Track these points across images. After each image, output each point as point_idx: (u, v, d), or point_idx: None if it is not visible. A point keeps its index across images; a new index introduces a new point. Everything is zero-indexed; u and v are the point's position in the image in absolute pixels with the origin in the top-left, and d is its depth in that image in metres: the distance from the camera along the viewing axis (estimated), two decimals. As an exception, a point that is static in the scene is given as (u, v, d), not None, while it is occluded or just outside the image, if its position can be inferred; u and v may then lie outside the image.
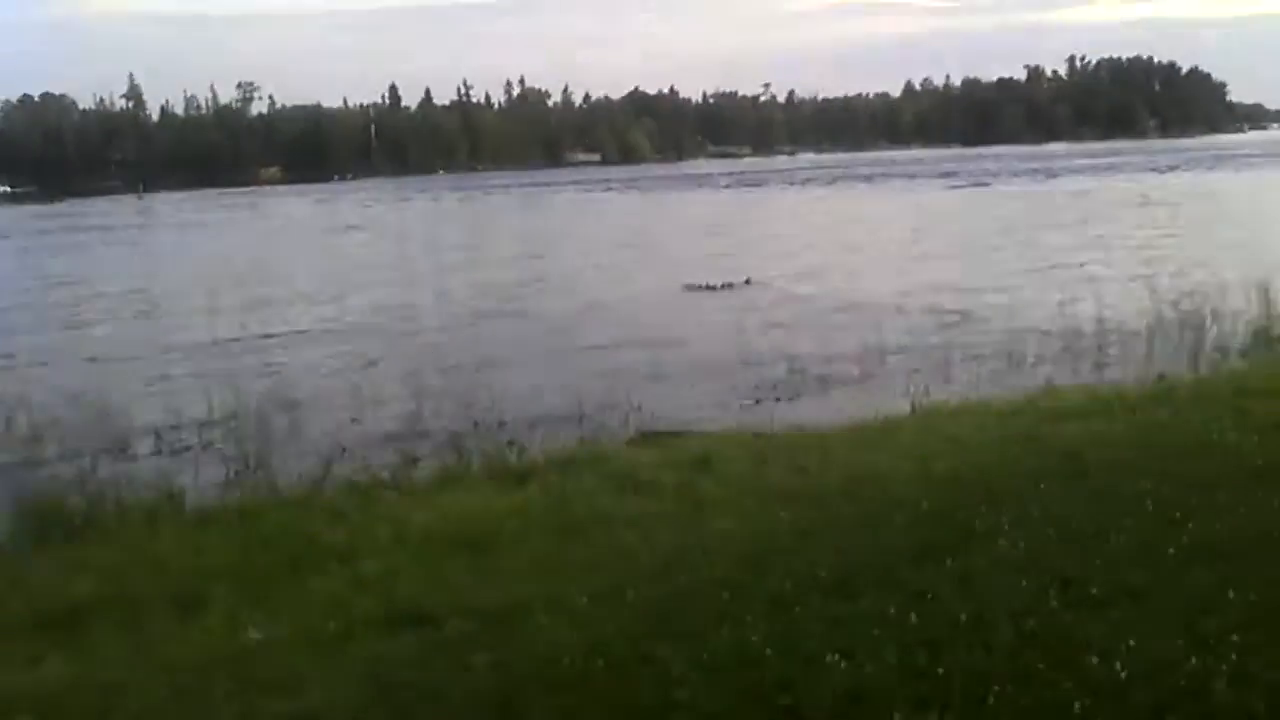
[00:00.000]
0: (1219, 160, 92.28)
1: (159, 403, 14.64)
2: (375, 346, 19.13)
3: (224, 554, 7.43)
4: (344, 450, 11.81)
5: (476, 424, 12.82)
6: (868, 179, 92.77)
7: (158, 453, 12.57)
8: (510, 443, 11.51)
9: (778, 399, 13.98)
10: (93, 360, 19.55)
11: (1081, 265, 26.26)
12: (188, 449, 12.62)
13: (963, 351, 16.02)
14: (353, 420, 13.71)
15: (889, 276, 26.65)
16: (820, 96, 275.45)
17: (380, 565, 6.67)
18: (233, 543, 7.72)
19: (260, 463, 11.20)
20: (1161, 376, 12.18)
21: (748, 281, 26.68)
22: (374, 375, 15.72)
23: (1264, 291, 16.70)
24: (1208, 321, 16.34)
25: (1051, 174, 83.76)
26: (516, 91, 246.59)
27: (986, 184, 73.91)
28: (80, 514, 9.04)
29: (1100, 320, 16.93)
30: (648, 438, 11.11)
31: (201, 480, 10.85)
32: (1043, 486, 7.09)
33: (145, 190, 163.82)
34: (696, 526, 7.06)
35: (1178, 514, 6.30)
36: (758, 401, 13.90)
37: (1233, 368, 13.37)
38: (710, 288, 26.16)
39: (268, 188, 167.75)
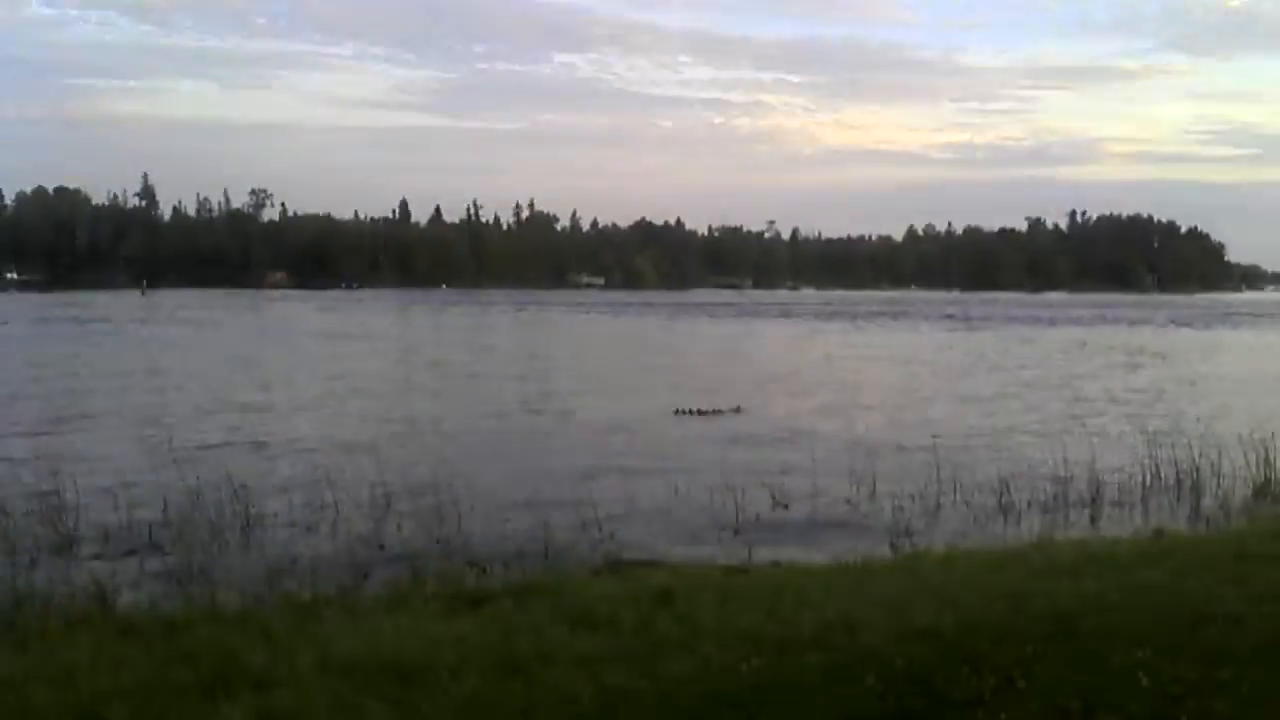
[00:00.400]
0: (1217, 318, 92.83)
1: (114, 502, 14.00)
2: (347, 458, 18.44)
3: (137, 670, 6.80)
4: (294, 563, 11.27)
5: (439, 542, 12.30)
6: (868, 316, 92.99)
7: (103, 555, 11.95)
8: (471, 564, 11.02)
9: (758, 533, 13.37)
10: (57, 454, 18.92)
11: (1079, 413, 25.83)
12: (134, 552, 12.02)
13: (954, 494, 15.45)
14: (308, 531, 13.09)
15: (883, 412, 26.27)
16: (823, 236, 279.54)
17: (294, 698, 6.03)
18: (151, 658, 7.09)
19: (205, 571, 10.69)
20: (1159, 533, 11.64)
21: (737, 409, 26.38)
22: (342, 487, 15.04)
23: (1263, 449, 16.30)
24: (1207, 476, 15.94)
25: (1051, 321, 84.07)
26: (525, 214, 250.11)
27: (985, 328, 74.14)
28: (-1, 615, 8.42)
29: (1095, 470, 16.43)
30: (614, 567, 10.54)
31: (142, 587, 10.31)
32: (1030, 650, 6.51)
33: (151, 287, 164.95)
34: (648, 670, 6.44)
35: (1176, 690, 5.73)
36: (736, 533, 13.31)
37: (1233, 527, 12.83)
38: (700, 413, 25.82)
39: (274, 292, 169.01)
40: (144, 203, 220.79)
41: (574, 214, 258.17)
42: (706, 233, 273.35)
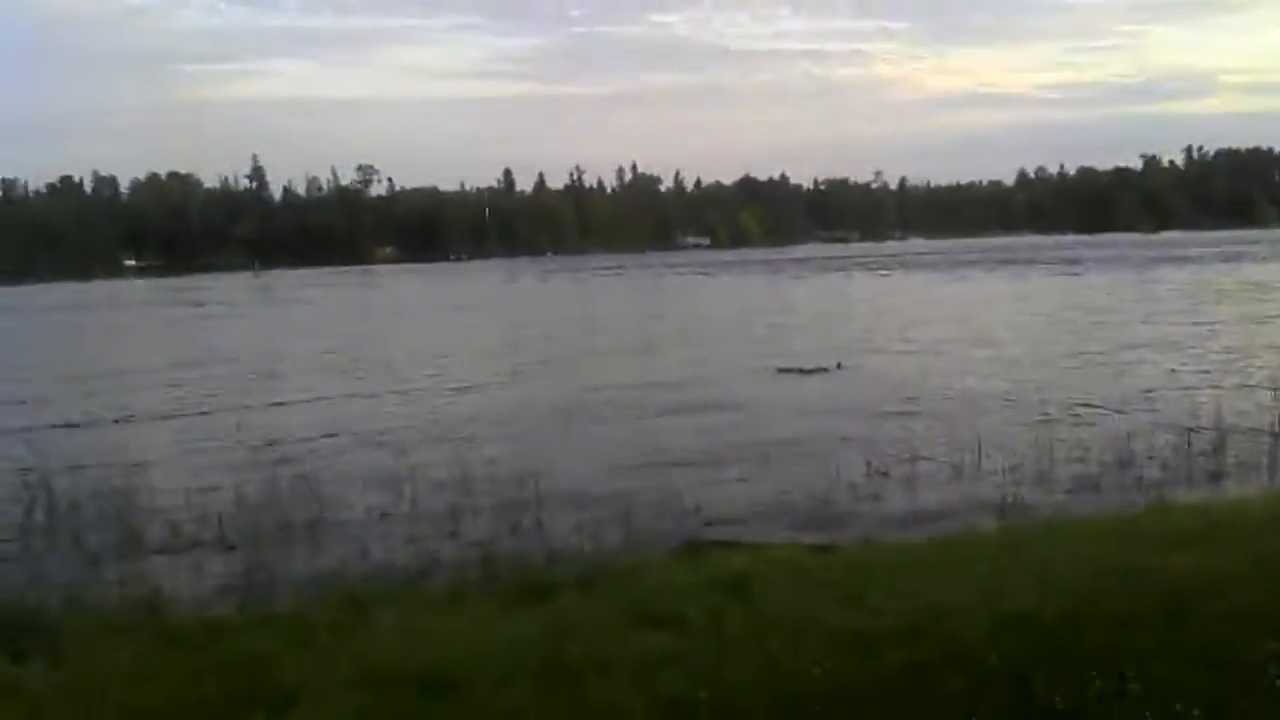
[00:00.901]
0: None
1: (186, 496, 13.80)
2: (433, 443, 18.00)
3: (170, 684, 6.41)
4: (363, 556, 10.91)
5: (515, 528, 11.83)
6: (976, 264, 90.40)
7: (168, 551, 11.59)
8: (548, 550, 10.51)
9: (853, 504, 12.62)
10: (139, 443, 18.94)
11: (1199, 359, 24.41)
12: (200, 548, 11.66)
13: (1064, 452, 14.47)
14: (382, 520, 12.65)
15: (990, 365, 25.09)
16: (931, 183, 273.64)
17: (316, 717, 5.56)
18: (186, 669, 6.69)
19: (268, 569, 10.32)
20: (1160, 503, 10.62)
21: (839, 366, 25.75)
22: (423, 473, 14.66)
23: None
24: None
25: (1170, 261, 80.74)
26: (629, 177, 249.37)
27: (1099, 272, 71.42)
28: (44, 622, 8.11)
29: (1218, 420, 15.33)
30: (693, 549, 9.91)
31: (201, 586, 9.95)
32: (1144, 642, 5.73)
33: (264, 267, 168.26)
34: (711, 676, 5.81)
35: (1314, 693, 4.94)
36: (828, 505, 12.57)
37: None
38: (803, 371, 25.24)
39: (383, 266, 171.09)
40: (254, 184, 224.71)
41: (677, 174, 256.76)
42: (811, 186, 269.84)
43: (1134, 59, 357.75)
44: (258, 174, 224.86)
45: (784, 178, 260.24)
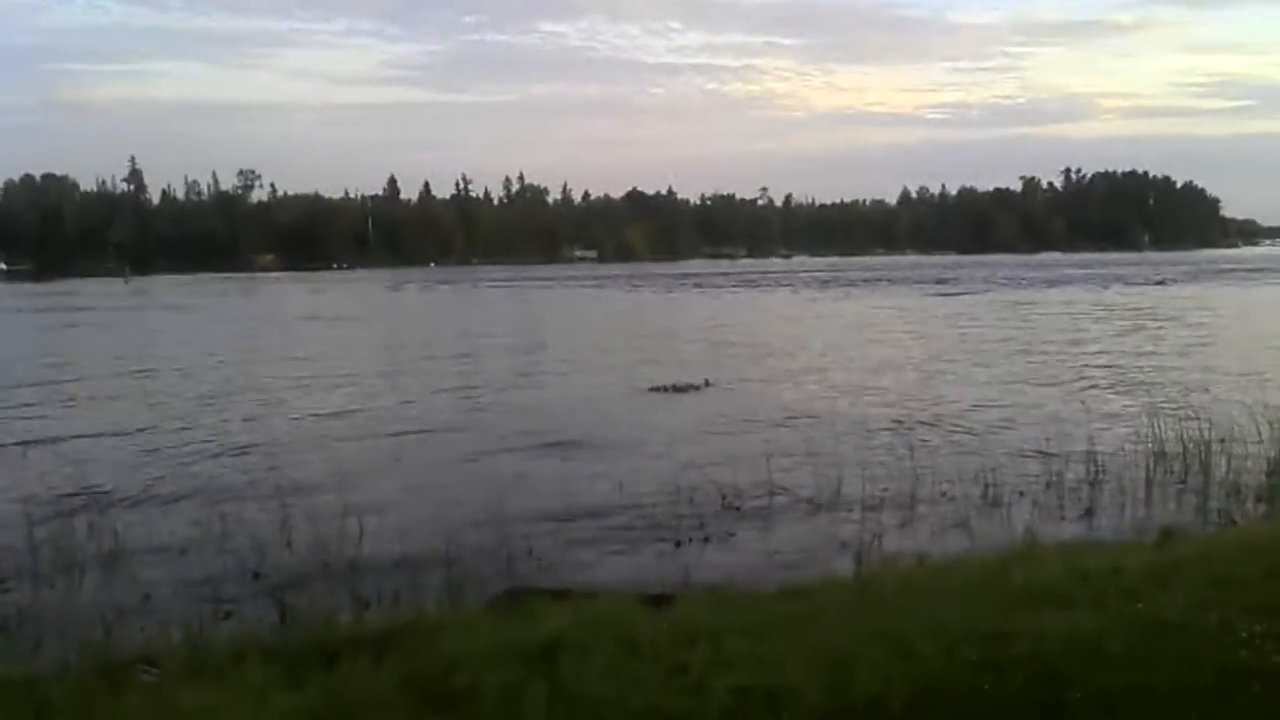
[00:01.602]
0: (1215, 274, 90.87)
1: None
2: (260, 463, 16.44)
3: None
4: (145, 600, 9.59)
5: (326, 571, 10.55)
6: (858, 283, 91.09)
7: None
8: (359, 599, 9.31)
9: (699, 542, 11.57)
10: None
11: (1073, 385, 23.96)
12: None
13: (930, 482, 13.64)
14: (178, 556, 11.19)
15: (859, 389, 24.38)
16: (816, 202, 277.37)
17: None
18: None
19: (34, 618, 8.98)
20: (1166, 534, 9.87)
21: (707, 383, 24.93)
22: (241, 499, 13.35)
23: (1278, 421, 14.54)
24: (1215, 456, 14.16)
25: (1046, 283, 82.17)
26: (515, 188, 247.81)
27: (976, 292, 72.38)
28: None
29: (1090, 449, 14.72)
30: (514, 598, 8.78)
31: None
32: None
33: (141, 273, 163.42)
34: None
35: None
36: (677, 545, 11.47)
37: (1252, 526, 11.06)
38: (674, 389, 24.33)
39: (264, 274, 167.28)
40: (132, 188, 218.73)
41: (565, 186, 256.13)
42: (699, 202, 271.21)
43: (1018, 81, 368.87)
44: (135, 177, 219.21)
45: (671, 193, 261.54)
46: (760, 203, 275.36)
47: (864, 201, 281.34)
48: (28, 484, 14.62)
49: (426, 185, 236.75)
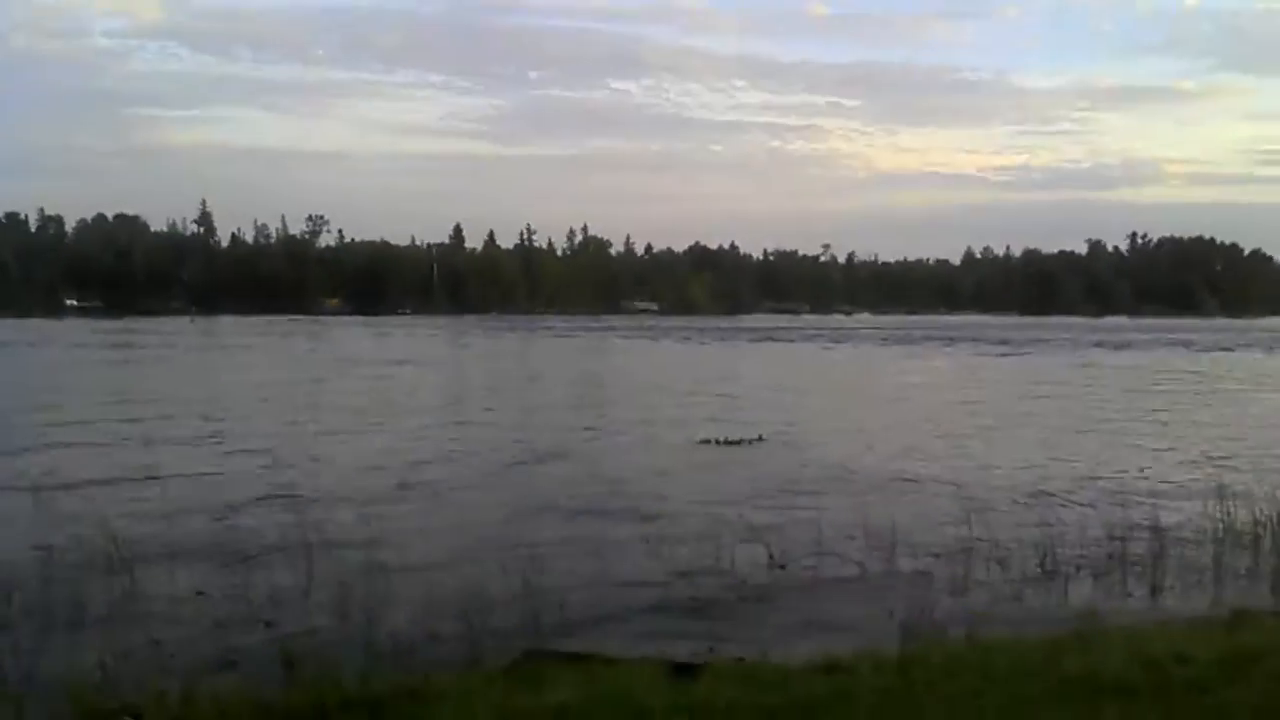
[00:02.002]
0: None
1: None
2: (290, 502, 16.17)
3: None
4: (154, 643, 9.16)
5: (343, 620, 10.08)
6: (921, 341, 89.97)
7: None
8: (371, 651, 8.83)
9: (741, 600, 10.97)
10: None
11: (1139, 454, 23.03)
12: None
13: (987, 551, 12.93)
14: (197, 595, 10.86)
15: (917, 450, 23.59)
16: (879, 259, 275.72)
17: None
18: None
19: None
20: (1238, 616, 9.16)
21: (760, 438, 24.38)
22: (257, 548, 12.95)
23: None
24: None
25: (1113, 346, 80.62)
26: (579, 239, 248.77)
27: (1040, 353, 71.03)
28: None
29: (1156, 523, 13.90)
30: (531, 661, 8.26)
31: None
32: None
33: (209, 313, 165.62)
34: None
35: None
36: (711, 603, 10.88)
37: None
38: (724, 442, 23.79)
39: (329, 317, 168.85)
40: (202, 229, 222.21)
41: (628, 239, 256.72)
42: (761, 256, 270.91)
43: (1083, 144, 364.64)
44: (205, 219, 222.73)
45: (734, 247, 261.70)
46: (823, 259, 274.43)
47: (928, 260, 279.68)
48: (45, 525, 14.29)
49: (491, 234, 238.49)
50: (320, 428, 26.75)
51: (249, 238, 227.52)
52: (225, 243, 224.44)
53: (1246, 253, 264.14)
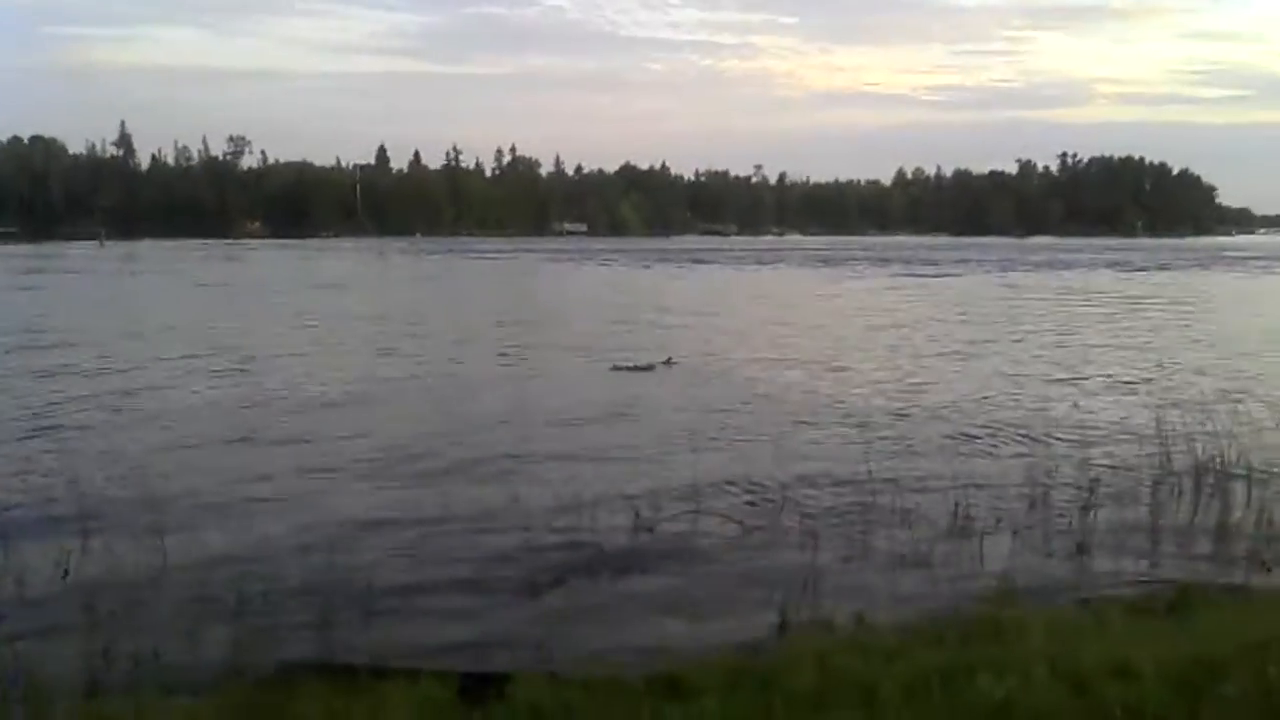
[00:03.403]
0: (1215, 260, 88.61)
1: None
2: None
3: None
4: None
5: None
6: (848, 262, 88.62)
7: None
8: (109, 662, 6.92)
9: (597, 582, 9.03)
10: None
11: (1068, 378, 21.55)
12: None
13: (889, 504, 11.12)
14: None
15: (830, 367, 22.16)
16: (811, 180, 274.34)
17: None
18: None
19: None
20: (1182, 596, 7.51)
21: (669, 362, 23.11)
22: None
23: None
24: (1236, 482, 11.72)
25: (1039, 266, 79.83)
26: (507, 159, 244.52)
27: (967, 273, 70.00)
28: None
29: (1085, 463, 12.33)
30: (285, 677, 6.39)
31: None
32: None
33: (128, 238, 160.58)
34: None
35: None
36: (557, 584, 8.98)
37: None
38: (636, 368, 22.46)
39: (251, 240, 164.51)
40: (121, 152, 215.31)
41: (557, 159, 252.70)
42: (692, 177, 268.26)
43: (1016, 64, 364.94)
44: (125, 142, 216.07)
45: (665, 168, 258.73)
46: (754, 180, 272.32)
47: (859, 181, 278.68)
48: None
49: (416, 155, 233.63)
50: (176, 366, 24.14)
51: (170, 160, 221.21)
52: (146, 166, 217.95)
53: (1175, 172, 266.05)
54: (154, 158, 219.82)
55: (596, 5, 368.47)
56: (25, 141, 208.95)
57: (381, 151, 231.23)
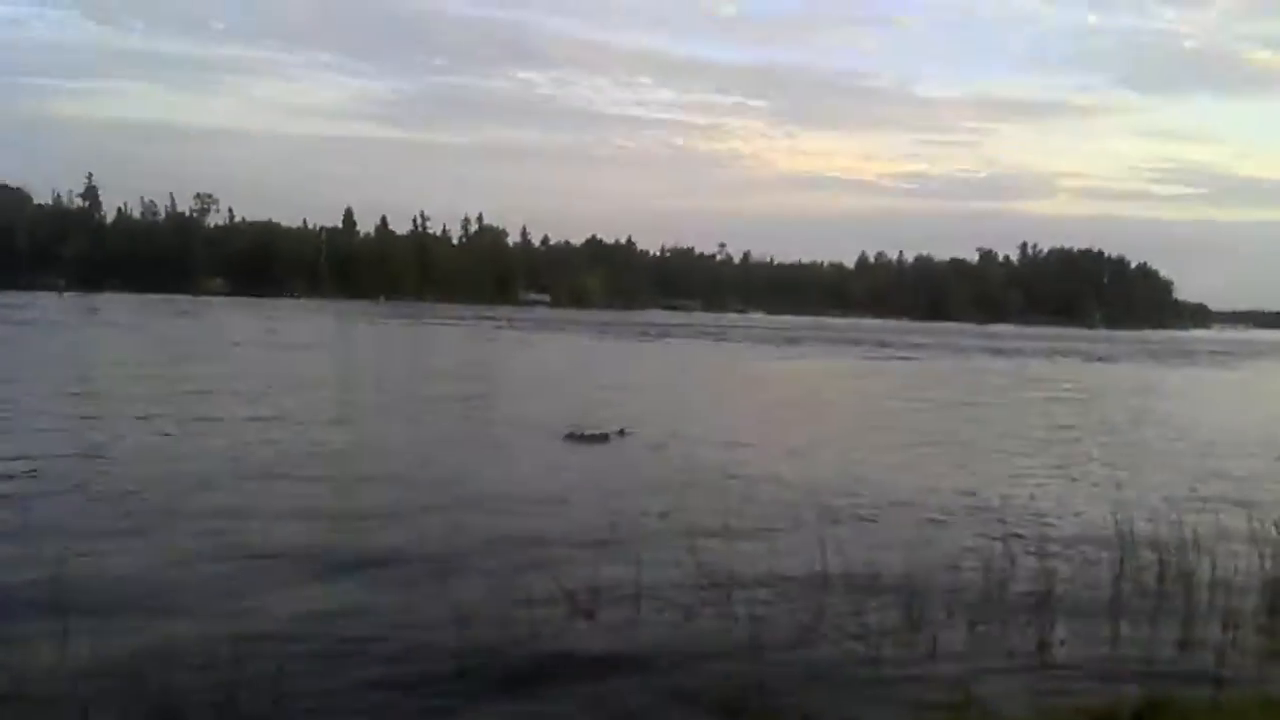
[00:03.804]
0: (1174, 354, 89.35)
1: None
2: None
3: None
4: None
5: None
6: (810, 341, 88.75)
7: None
8: None
9: (506, 678, 8.36)
10: None
11: (1024, 471, 21.11)
12: None
13: (841, 592, 10.63)
14: None
15: (782, 455, 21.57)
16: (775, 260, 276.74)
17: None
18: None
19: None
20: (1149, 708, 6.99)
21: (621, 433, 22.78)
22: None
23: (1275, 533, 11.75)
24: (1202, 580, 11.24)
25: (996, 352, 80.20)
26: (474, 228, 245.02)
27: (924, 357, 70.09)
28: None
29: (1043, 554, 11.83)
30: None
31: None
32: None
33: (92, 290, 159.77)
34: None
35: None
36: (483, 680, 8.25)
37: (1264, 691, 8.18)
38: (590, 437, 22.06)
39: (213, 298, 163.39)
40: (87, 204, 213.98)
41: (524, 230, 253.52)
42: (658, 253, 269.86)
43: (980, 155, 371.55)
44: (91, 193, 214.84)
45: (631, 242, 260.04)
46: (719, 258, 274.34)
47: (822, 263, 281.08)
48: None
49: (384, 219, 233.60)
50: (106, 421, 23.51)
51: (136, 213, 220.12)
52: (111, 219, 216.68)
53: (1133, 266, 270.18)
54: (120, 211, 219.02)
55: (570, 81, 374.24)
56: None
57: (349, 214, 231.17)
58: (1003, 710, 7.64)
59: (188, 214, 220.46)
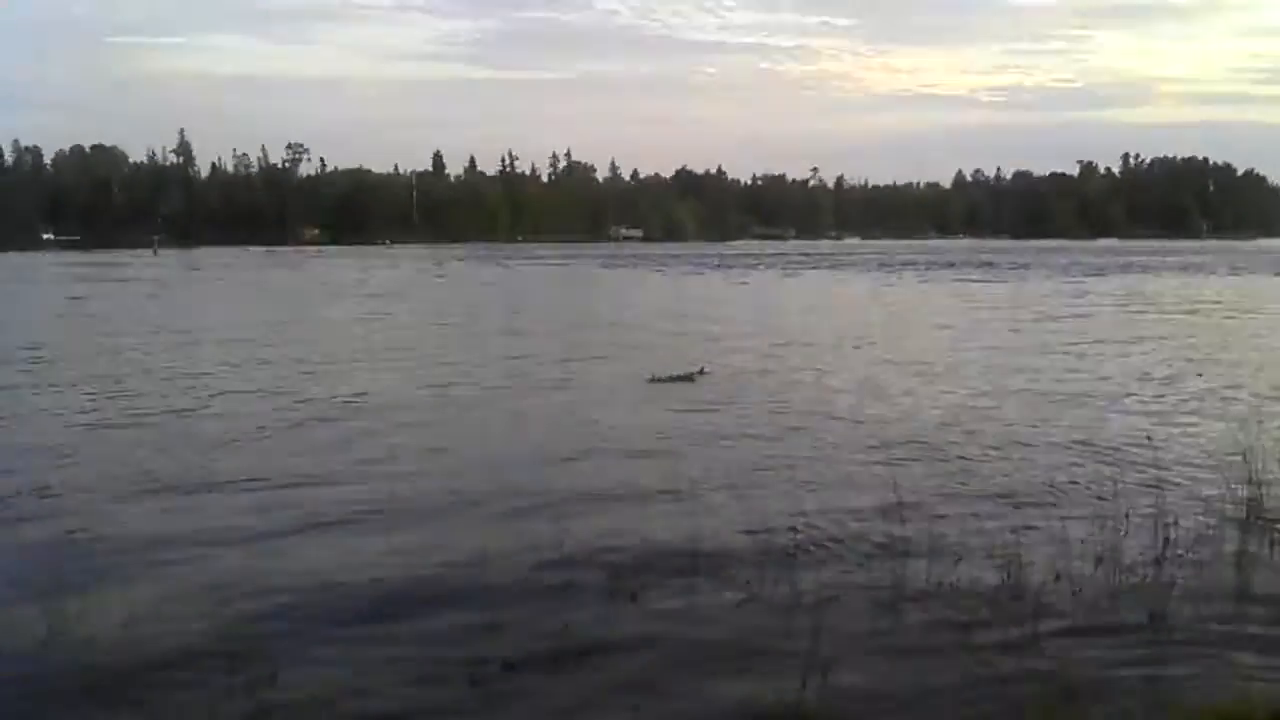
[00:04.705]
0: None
1: None
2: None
3: None
4: None
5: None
6: (906, 266, 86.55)
7: None
8: None
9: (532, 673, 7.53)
10: None
11: (1118, 391, 19.71)
12: None
13: (924, 567, 9.52)
14: None
15: (863, 386, 20.67)
16: (869, 183, 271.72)
17: None
18: None
19: None
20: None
21: (702, 372, 22.11)
22: None
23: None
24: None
25: (1102, 271, 77.14)
26: (562, 165, 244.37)
27: (1028, 278, 67.72)
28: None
29: (1158, 498, 10.59)
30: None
31: None
32: None
33: (187, 246, 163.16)
34: None
35: None
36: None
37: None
38: (673, 379, 21.38)
39: (309, 248, 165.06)
40: (181, 160, 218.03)
41: (613, 164, 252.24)
42: (749, 181, 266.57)
43: (1075, 64, 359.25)
44: (184, 149, 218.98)
45: (721, 172, 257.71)
46: (811, 184, 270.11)
47: (918, 184, 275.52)
48: None
49: (472, 161, 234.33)
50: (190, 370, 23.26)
51: (229, 167, 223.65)
52: (205, 174, 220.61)
53: (1240, 173, 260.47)
54: (213, 165, 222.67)
55: (651, 9, 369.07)
56: (88, 151, 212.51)
57: (437, 158, 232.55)
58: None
59: (280, 165, 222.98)
